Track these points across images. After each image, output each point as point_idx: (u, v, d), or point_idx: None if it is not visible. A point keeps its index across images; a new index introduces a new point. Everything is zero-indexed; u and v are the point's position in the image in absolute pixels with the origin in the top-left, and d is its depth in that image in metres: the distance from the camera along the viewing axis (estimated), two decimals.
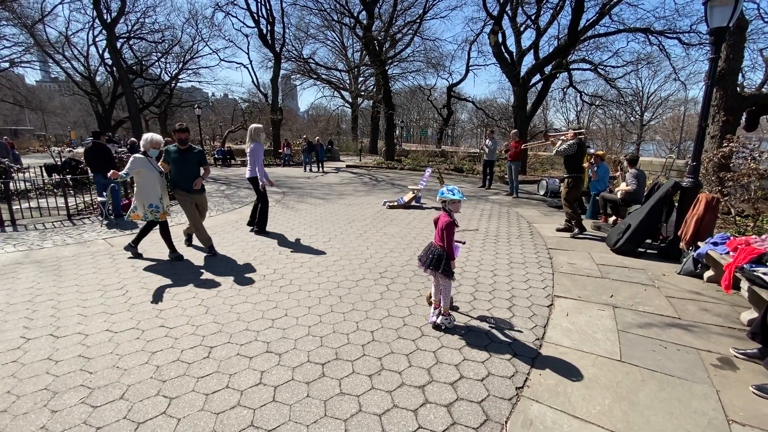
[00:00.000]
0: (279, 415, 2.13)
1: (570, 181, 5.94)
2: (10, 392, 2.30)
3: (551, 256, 5.04)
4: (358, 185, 12.54)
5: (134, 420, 2.08)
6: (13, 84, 27.42)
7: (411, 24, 22.34)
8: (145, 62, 28.61)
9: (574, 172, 5.88)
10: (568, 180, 5.97)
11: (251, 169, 5.88)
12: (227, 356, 2.69)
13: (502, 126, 23.59)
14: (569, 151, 5.71)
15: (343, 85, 29.81)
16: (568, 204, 5.99)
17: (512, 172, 10.14)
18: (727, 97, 7.44)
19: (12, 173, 9.07)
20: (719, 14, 4.29)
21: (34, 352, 2.73)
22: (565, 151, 5.72)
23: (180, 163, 4.85)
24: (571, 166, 5.86)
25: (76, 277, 4.20)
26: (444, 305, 3.07)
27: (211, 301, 3.58)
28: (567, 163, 5.87)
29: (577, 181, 5.94)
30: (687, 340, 2.92)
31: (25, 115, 44.60)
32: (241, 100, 35.66)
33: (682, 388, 2.38)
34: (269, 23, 22.45)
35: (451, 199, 2.95)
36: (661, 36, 13.99)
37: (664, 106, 35.66)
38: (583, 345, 2.86)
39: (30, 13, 22.91)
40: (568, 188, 5.97)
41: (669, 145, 33.77)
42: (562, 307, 3.51)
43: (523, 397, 2.30)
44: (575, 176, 5.89)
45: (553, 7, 14.73)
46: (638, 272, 4.40)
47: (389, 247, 5.40)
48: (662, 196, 5.03)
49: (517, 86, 14.76)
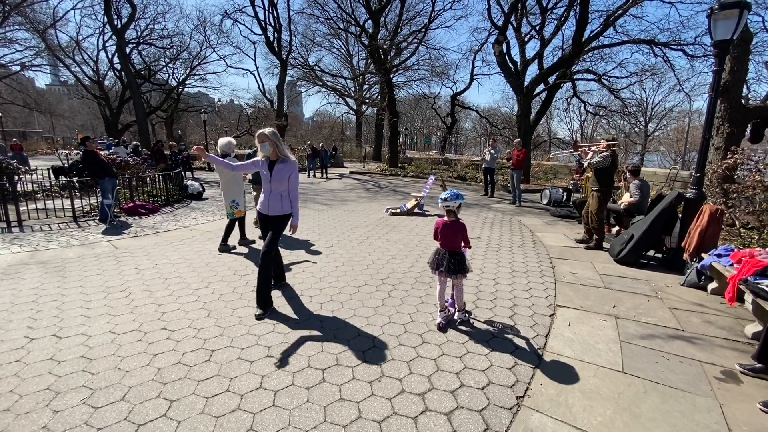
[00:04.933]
0: (279, 419, 2.13)
1: (600, 195, 5.68)
2: (13, 391, 2.31)
3: (554, 265, 5.02)
4: (361, 192, 12.58)
5: (135, 422, 2.08)
6: (24, 87, 27.89)
7: (416, 33, 22.61)
8: (154, 67, 28.97)
9: (605, 186, 5.64)
10: (598, 194, 5.70)
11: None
12: (228, 360, 2.70)
13: (505, 135, 23.69)
14: (603, 164, 5.50)
15: (348, 93, 30.07)
16: (598, 219, 5.73)
17: (514, 180, 10.16)
18: (731, 108, 7.44)
19: (19, 175, 9.17)
20: (723, 27, 4.32)
21: (37, 352, 2.74)
22: (599, 163, 5.50)
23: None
24: (602, 179, 5.61)
25: (80, 279, 4.23)
26: (459, 302, 3.31)
27: (213, 305, 3.59)
28: (598, 175, 5.62)
29: (607, 196, 5.71)
30: (690, 353, 2.90)
31: (34, 118, 45.19)
32: (246, 106, 35.95)
33: (685, 400, 2.36)
34: (276, 31, 22.76)
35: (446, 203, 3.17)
36: (666, 47, 14.06)
37: (669, 117, 35.68)
38: (584, 355, 2.85)
39: (42, 18, 23.37)
40: (599, 202, 5.70)
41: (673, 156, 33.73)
42: (564, 317, 3.49)
43: (524, 406, 2.29)
44: (606, 190, 5.66)
45: (558, 18, 14.89)
46: (641, 283, 4.38)
47: (391, 253, 5.40)
48: (666, 207, 5.02)
49: (521, 96, 14.83)
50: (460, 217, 3.27)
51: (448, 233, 3.17)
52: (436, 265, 3.19)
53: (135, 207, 7.87)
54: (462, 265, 3.14)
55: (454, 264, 3.12)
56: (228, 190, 5.29)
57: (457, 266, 3.12)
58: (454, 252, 3.16)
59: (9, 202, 6.68)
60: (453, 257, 3.13)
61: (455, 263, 3.12)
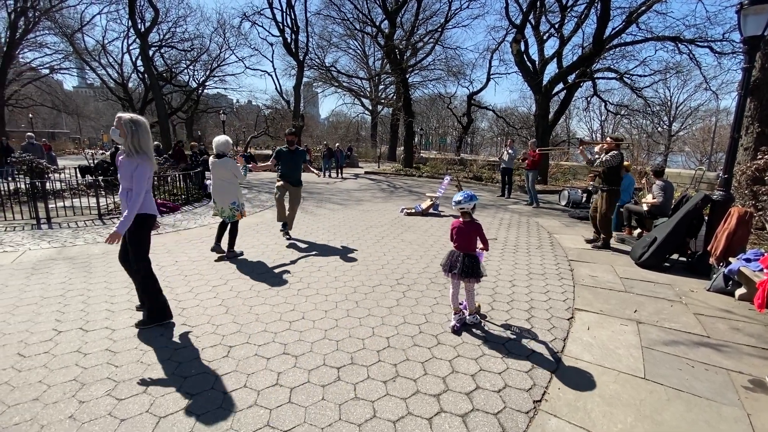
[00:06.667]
0: (295, 416, 2.15)
1: (607, 194, 5.64)
2: (41, 381, 2.40)
3: (572, 267, 4.92)
4: (376, 192, 12.61)
5: (156, 414, 2.14)
6: (52, 90, 29.08)
7: (432, 33, 22.55)
8: (175, 69, 29.81)
9: (614, 184, 5.61)
10: (605, 193, 5.66)
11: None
12: (245, 356, 2.74)
13: (522, 135, 23.37)
14: (613, 162, 5.46)
15: (363, 93, 30.21)
16: (606, 218, 5.69)
17: (529, 180, 10.00)
18: (761, 107, 7.14)
19: (48, 174, 9.54)
20: (753, 22, 4.16)
21: (64, 344, 2.85)
22: (609, 162, 5.46)
23: (289, 160, 5.81)
24: (611, 177, 5.57)
25: (105, 274, 4.37)
26: (471, 306, 3.30)
27: (230, 302, 3.66)
28: (608, 174, 5.57)
29: (615, 195, 5.68)
30: (716, 360, 2.80)
31: (62, 119, 46.95)
32: (264, 107, 36.54)
33: (711, 409, 2.27)
34: (294, 32, 23.03)
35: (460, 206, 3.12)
36: (692, 44, 13.59)
37: (694, 116, 34.56)
38: (604, 360, 2.78)
39: (70, 23, 24.31)
40: (609, 202, 5.65)
41: (699, 157, 32.63)
42: (582, 321, 3.42)
43: (541, 410, 2.25)
44: (615, 189, 5.62)
45: (578, 15, 14.58)
46: (664, 287, 4.25)
47: (406, 253, 5.40)
48: (691, 209, 4.85)
49: (539, 95, 14.60)
50: (475, 218, 3.23)
51: (463, 234, 3.14)
52: (450, 267, 3.15)
53: (156, 205, 8.07)
54: (476, 268, 3.09)
55: (468, 267, 3.07)
56: (226, 190, 4.89)
57: (471, 269, 3.07)
58: (468, 254, 3.12)
59: (39, 200, 6.96)
60: (467, 259, 3.09)
61: (469, 266, 3.08)
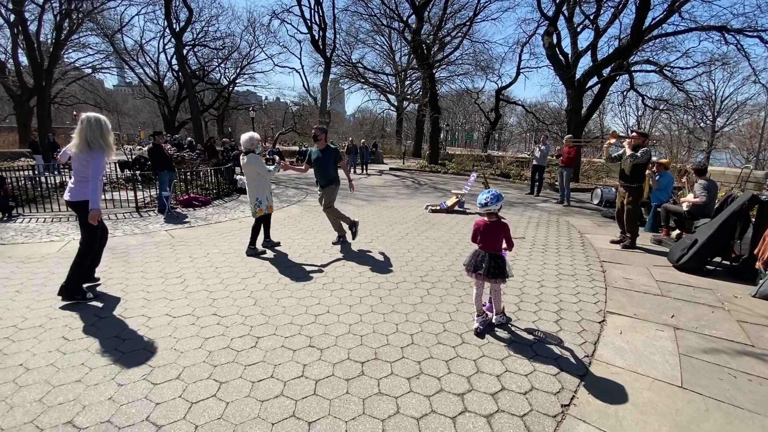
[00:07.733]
0: (319, 408, 2.19)
1: (637, 191, 5.47)
2: (84, 364, 2.56)
3: (604, 269, 4.74)
4: (401, 188, 12.58)
5: (188, 399, 2.23)
6: (95, 88, 30.76)
7: (460, 27, 22.10)
8: (207, 67, 30.82)
9: (640, 181, 5.45)
10: (635, 190, 5.47)
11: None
12: (272, 347, 2.81)
13: (553, 131, 22.59)
14: (643, 159, 5.28)
15: (389, 89, 30.11)
16: (634, 216, 5.54)
17: (563, 178, 9.67)
18: None
19: None
20: None
21: (105, 330, 3.02)
22: (640, 158, 5.26)
23: (318, 160, 5.38)
24: (639, 174, 5.41)
25: (141, 264, 4.59)
26: (497, 307, 3.23)
27: (259, 294, 3.76)
28: (636, 171, 5.38)
29: (641, 192, 5.54)
30: (761, 371, 2.63)
31: None
32: (291, 104, 37.17)
33: (753, 422, 2.14)
34: (321, 29, 23.29)
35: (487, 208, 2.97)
36: (740, 34, 12.69)
37: (741, 111, 32.36)
38: (638, 366, 2.67)
39: (110, 24, 25.54)
40: (636, 199, 5.49)
41: (745, 154, 30.56)
42: (615, 325, 3.29)
43: (569, 415, 2.19)
44: (640, 186, 5.47)
45: (615, 5, 13.89)
46: (704, 292, 4.02)
47: (431, 251, 5.36)
48: (737, 210, 4.56)
49: (571, 89, 14.08)
50: (501, 216, 3.15)
51: (489, 234, 3.03)
52: (474, 267, 3.04)
53: (189, 199, 8.41)
54: (502, 269, 3.00)
55: (495, 267, 2.97)
56: (252, 186, 5.03)
57: (497, 270, 2.98)
58: (494, 254, 3.03)
59: None
60: (493, 260, 3.00)
61: (495, 266, 2.98)
